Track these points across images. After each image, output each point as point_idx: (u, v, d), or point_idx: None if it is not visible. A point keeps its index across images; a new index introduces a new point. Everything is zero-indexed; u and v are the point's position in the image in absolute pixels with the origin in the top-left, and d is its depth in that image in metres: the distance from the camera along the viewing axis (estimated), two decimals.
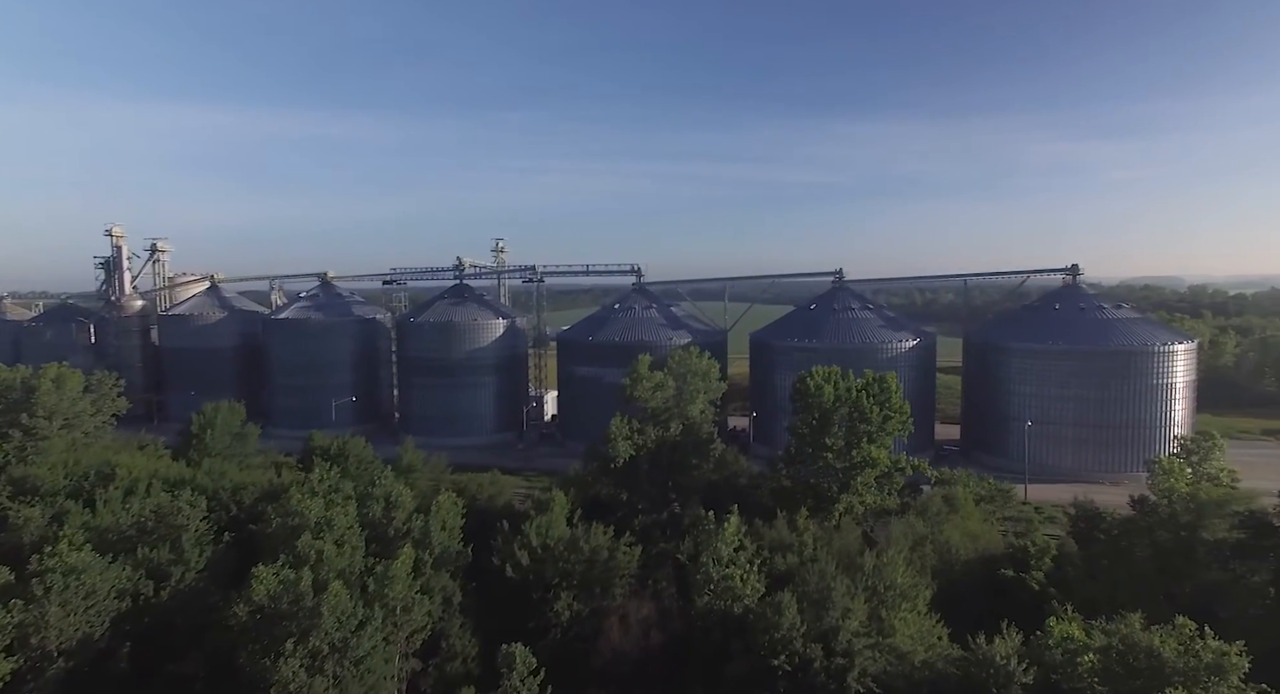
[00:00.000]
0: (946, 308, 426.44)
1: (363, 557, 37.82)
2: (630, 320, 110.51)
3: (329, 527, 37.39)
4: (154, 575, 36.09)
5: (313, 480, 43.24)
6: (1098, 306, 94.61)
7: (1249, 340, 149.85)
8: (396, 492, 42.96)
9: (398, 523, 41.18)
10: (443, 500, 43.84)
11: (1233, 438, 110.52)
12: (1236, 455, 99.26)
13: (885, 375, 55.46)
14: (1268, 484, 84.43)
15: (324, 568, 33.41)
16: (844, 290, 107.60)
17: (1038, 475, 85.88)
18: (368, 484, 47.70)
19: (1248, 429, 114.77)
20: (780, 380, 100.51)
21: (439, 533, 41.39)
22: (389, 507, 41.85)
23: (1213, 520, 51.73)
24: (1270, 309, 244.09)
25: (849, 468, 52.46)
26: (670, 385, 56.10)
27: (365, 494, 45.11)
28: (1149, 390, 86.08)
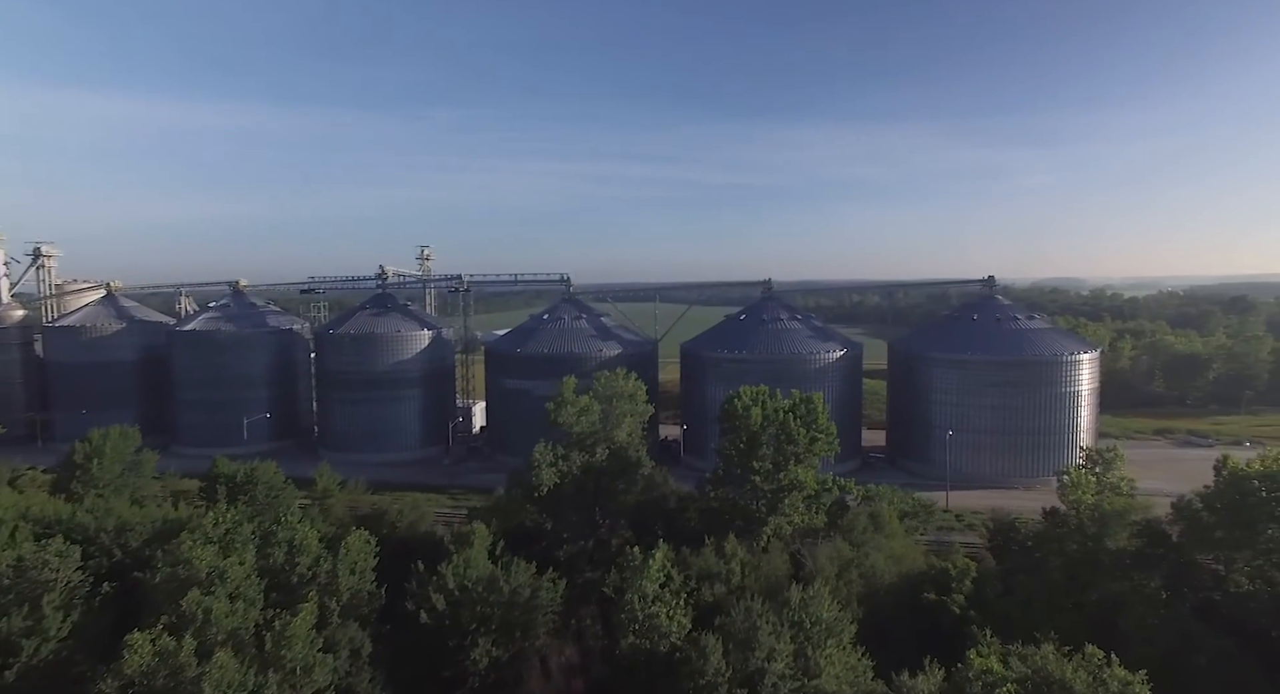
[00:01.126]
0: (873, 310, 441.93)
1: (260, 609, 34.84)
2: (560, 331, 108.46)
3: (222, 579, 34.27)
4: (2, 650, 31.90)
5: (206, 524, 39.66)
6: (1012, 317, 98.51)
7: (1142, 343, 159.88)
8: (301, 534, 39.88)
9: (302, 568, 38.21)
10: (352, 541, 41.07)
11: (1129, 438, 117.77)
12: (1132, 455, 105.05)
13: (812, 396, 55.58)
14: (1160, 483, 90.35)
15: (212, 630, 30.43)
16: (773, 301, 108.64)
17: (959, 482, 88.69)
18: (273, 521, 44.40)
19: (1142, 429, 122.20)
20: (711, 391, 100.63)
21: (347, 577, 38.70)
22: (293, 551, 38.82)
23: (1115, 530, 54.36)
24: (1159, 312, 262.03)
25: (777, 490, 52.27)
26: (596, 409, 54.63)
27: (269, 533, 41.92)
28: (1058, 398, 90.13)
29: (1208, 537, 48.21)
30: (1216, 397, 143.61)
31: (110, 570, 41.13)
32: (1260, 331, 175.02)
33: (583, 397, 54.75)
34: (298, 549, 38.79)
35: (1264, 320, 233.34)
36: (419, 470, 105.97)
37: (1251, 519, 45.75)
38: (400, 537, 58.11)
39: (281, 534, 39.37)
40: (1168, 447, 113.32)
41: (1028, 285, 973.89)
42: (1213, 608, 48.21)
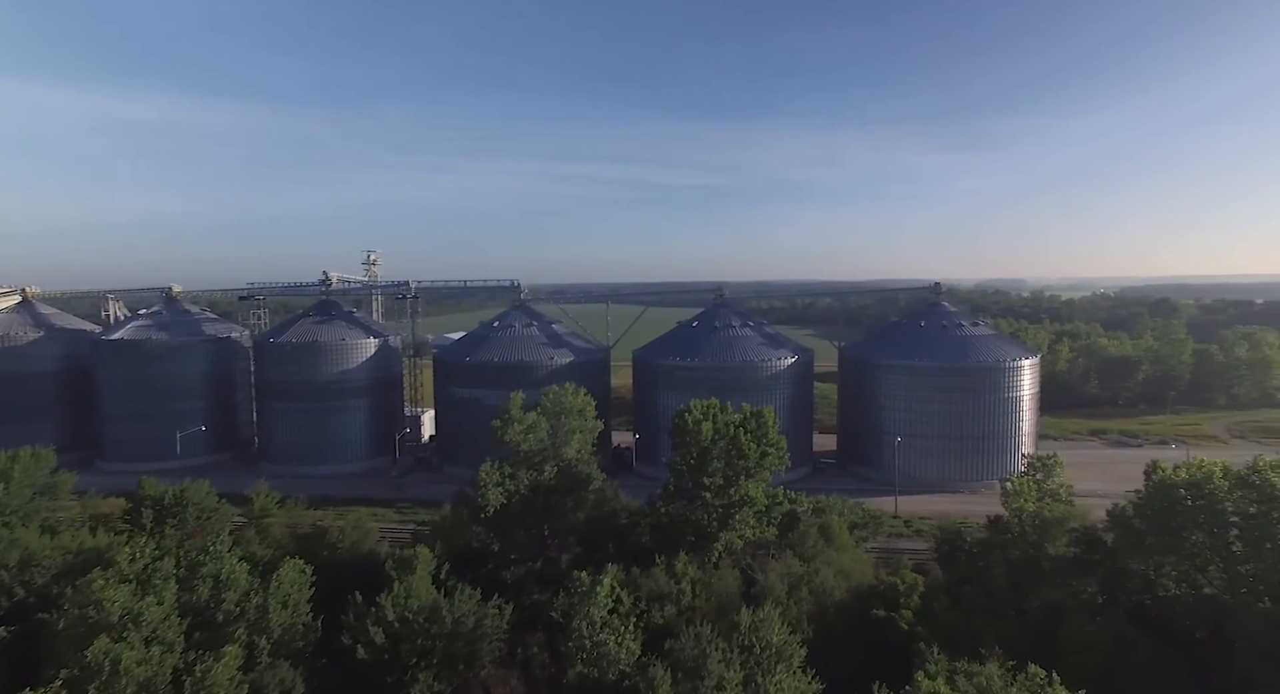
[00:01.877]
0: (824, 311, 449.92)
1: (180, 653, 32.62)
2: (510, 339, 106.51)
3: (136, 623, 31.94)
4: None
5: (122, 561, 37.01)
6: (957, 323, 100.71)
7: (1078, 346, 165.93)
8: (229, 567, 37.58)
9: (229, 604, 36.00)
10: (285, 573, 38.97)
11: (1066, 439, 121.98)
12: (1070, 456, 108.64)
13: (763, 410, 55.45)
14: (1095, 484, 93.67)
15: (121, 682, 28.24)
16: (725, 307, 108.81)
17: (908, 486, 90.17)
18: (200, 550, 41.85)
19: (1079, 430, 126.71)
20: (663, 399, 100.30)
21: (279, 612, 36.68)
22: (219, 586, 36.55)
23: (1055, 537, 55.88)
24: (1093, 314, 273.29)
25: (728, 505, 51.94)
26: (544, 426, 53.36)
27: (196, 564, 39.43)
28: (1002, 403, 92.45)
29: (1139, 543, 49.75)
30: (1145, 397, 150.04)
31: (10, 612, 38.10)
32: (1182, 334, 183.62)
33: (530, 413, 53.42)
34: (225, 584, 36.53)
35: (1185, 323, 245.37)
36: (365, 483, 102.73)
37: (1178, 526, 47.33)
38: (342, 559, 55.85)
39: (207, 568, 36.99)
40: (1102, 447, 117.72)
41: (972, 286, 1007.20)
42: (1143, 611, 49.85)
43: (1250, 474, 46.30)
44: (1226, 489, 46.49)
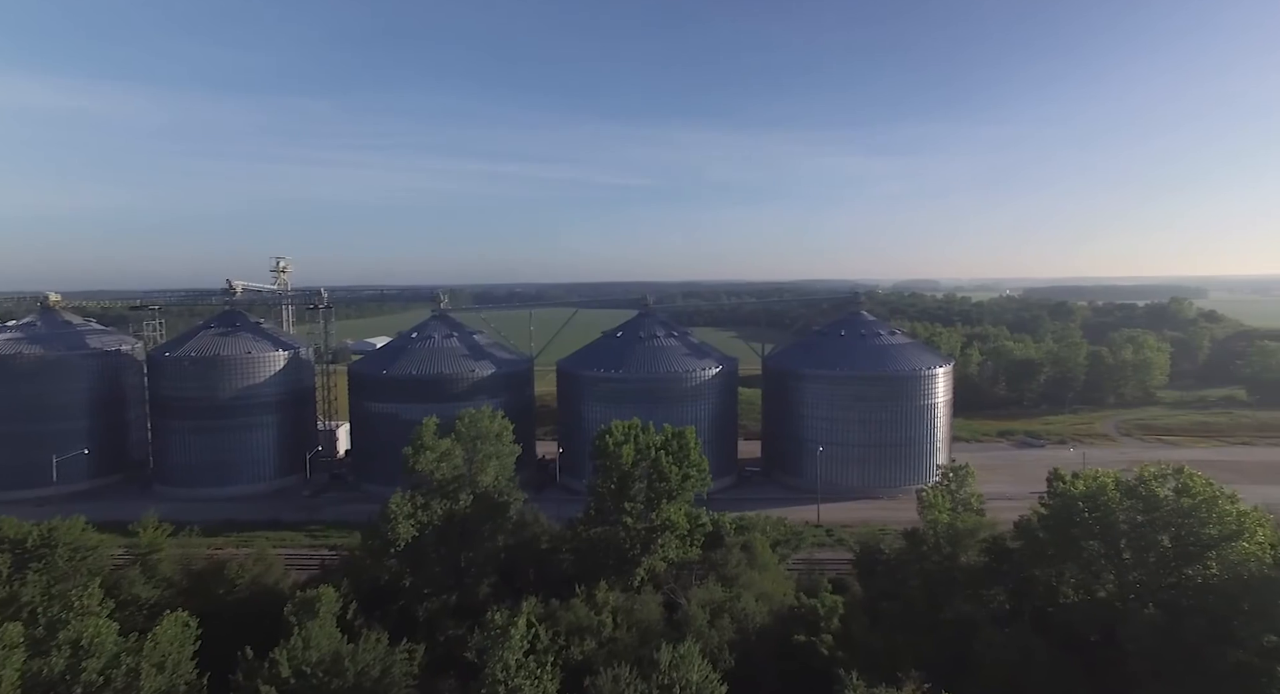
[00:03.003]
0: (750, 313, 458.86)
1: None
2: (429, 351, 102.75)
3: None
4: None
5: None
6: (876, 333, 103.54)
7: (987, 349, 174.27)
8: (93, 629, 33.73)
9: (90, 674, 32.26)
10: (162, 631, 35.40)
11: (977, 441, 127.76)
12: (980, 459, 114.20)
13: (685, 431, 54.85)
14: (1004, 486, 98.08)
15: None
16: (650, 317, 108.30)
17: (831, 494, 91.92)
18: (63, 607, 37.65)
19: (988, 432, 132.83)
20: (588, 411, 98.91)
21: (154, 678, 33.20)
22: (80, 653, 32.73)
23: (967, 547, 57.71)
24: (1000, 317, 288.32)
25: (650, 530, 51.06)
26: (458, 453, 51.03)
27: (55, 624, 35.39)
28: (918, 410, 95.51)
29: (1042, 552, 51.80)
30: (1047, 397, 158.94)
31: None
32: (1077, 338, 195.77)
33: (444, 440, 50.98)
34: (87, 650, 32.75)
35: (1080, 325, 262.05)
36: (274, 504, 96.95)
37: (1077, 536, 49.50)
38: (240, 598, 51.99)
39: (64, 633, 33.09)
40: (1009, 448, 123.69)
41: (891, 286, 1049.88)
42: (1046, 617, 51.86)
43: (1138, 485, 48.81)
44: (1118, 500, 48.87)
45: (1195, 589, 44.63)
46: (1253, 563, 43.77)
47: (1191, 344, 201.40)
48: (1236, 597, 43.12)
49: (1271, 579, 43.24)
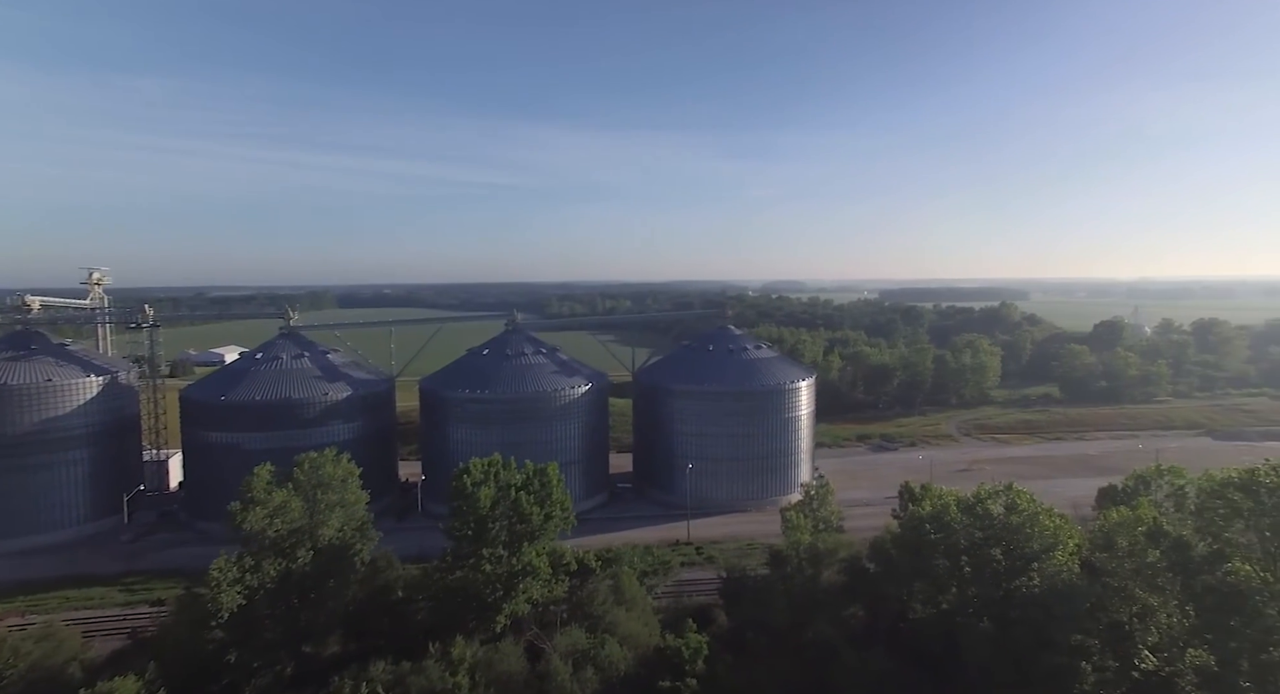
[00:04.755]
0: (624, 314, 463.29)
1: None
2: (276, 373, 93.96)
3: None
4: None
5: None
6: (743, 347, 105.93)
7: (847, 353, 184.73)
8: None
9: None
10: None
11: (839, 445, 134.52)
12: (841, 464, 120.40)
13: (548, 468, 52.73)
14: (863, 492, 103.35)
15: None
16: (517, 334, 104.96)
17: (701, 508, 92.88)
18: None
19: (848, 436, 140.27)
20: (453, 433, 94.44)
21: None
22: None
23: (828, 565, 59.66)
24: (859, 320, 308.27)
25: (511, 575, 48.52)
26: (296, 505, 46.02)
27: None
28: (784, 423, 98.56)
29: (895, 571, 54.45)
30: (899, 400, 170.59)
31: None
32: (925, 342, 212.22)
33: (279, 491, 45.78)
34: None
35: (927, 328, 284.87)
36: (85, 554, 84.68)
37: (925, 554, 52.34)
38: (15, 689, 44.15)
39: None
40: (867, 452, 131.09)
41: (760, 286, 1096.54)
42: (898, 633, 54.64)
43: (975, 504, 52.29)
44: (959, 518, 52.10)
45: (1019, 600, 48.18)
46: (1065, 573, 47.93)
47: (1018, 346, 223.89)
48: (1052, 605, 47.06)
49: (1078, 587, 47.50)
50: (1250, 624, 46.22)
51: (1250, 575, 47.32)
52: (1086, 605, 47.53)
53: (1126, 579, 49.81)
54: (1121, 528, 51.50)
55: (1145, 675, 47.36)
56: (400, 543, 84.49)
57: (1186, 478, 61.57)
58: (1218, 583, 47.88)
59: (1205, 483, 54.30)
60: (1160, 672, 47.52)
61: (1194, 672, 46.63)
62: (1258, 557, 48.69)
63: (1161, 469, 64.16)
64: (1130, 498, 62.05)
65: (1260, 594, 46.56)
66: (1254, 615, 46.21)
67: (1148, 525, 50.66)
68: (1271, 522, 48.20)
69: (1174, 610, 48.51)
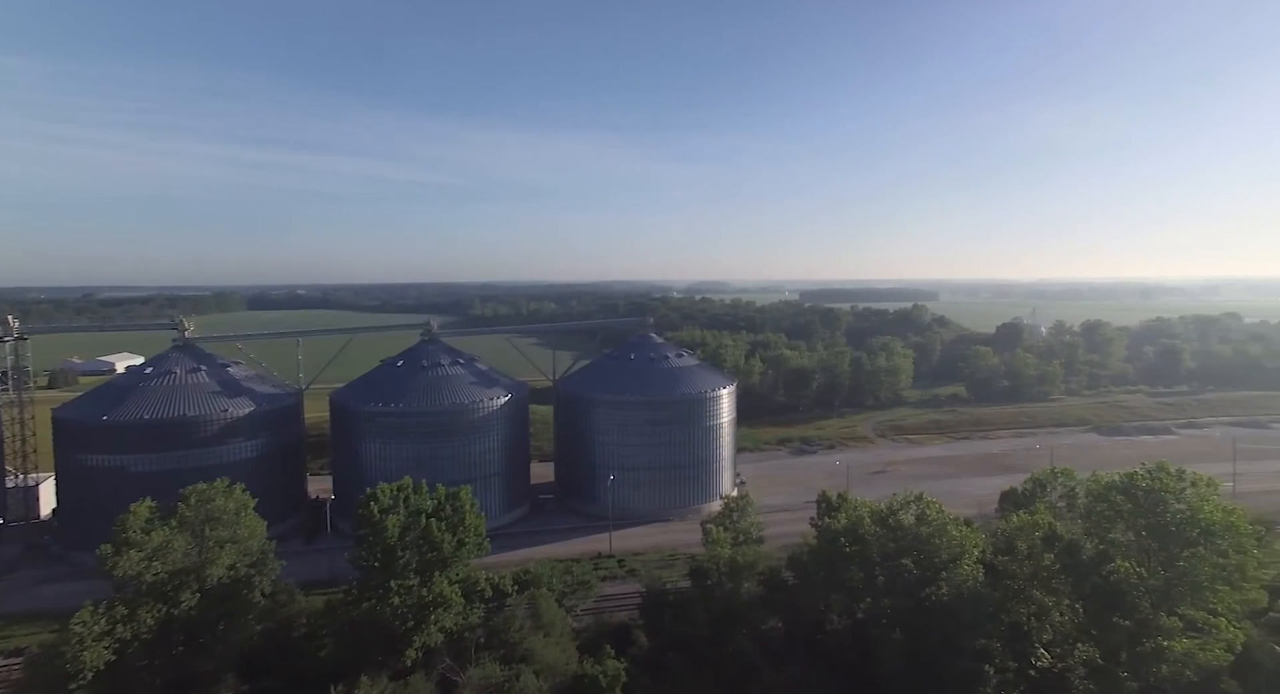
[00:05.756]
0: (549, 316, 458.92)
1: None
2: (168, 389, 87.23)
3: None
4: None
5: None
6: (664, 356, 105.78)
7: (768, 357, 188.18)
8: None
9: None
10: None
11: (760, 449, 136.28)
12: (762, 469, 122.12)
13: (460, 492, 50.69)
14: (783, 498, 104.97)
15: None
16: (434, 344, 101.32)
17: (623, 519, 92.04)
18: None
19: (769, 440, 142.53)
20: (365, 449, 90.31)
21: None
22: None
23: (748, 578, 59.95)
24: (779, 322, 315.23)
25: (421, 606, 46.26)
26: (180, 544, 42.30)
27: None
28: (705, 432, 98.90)
29: (812, 583, 55.16)
30: (819, 402, 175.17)
31: None
32: (842, 345, 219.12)
33: (158, 530, 41.93)
34: None
35: (844, 331, 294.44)
36: None
37: (841, 566, 53.28)
38: None
39: None
40: (788, 456, 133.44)
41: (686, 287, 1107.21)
42: (816, 645, 55.45)
43: (888, 515, 53.65)
44: (873, 530, 53.30)
45: (929, 608, 49.64)
46: (969, 582, 49.77)
47: (928, 348, 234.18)
48: (959, 612, 48.76)
49: (983, 594, 49.39)
50: (1129, 617, 49.47)
51: (1130, 572, 50.61)
52: (990, 610, 49.54)
53: (1025, 582, 52.24)
54: (1021, 532, 54.00)
55: (1041, 673, 49.77)
56: (308, 567, 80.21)
57: (1077, 480, 65.38)
58: (1102, 582, 50.98)
59: (1093, 484, 57.79)
60: (1054, 668, 50.04)
61: (1083, 665, 49.40)
62: (1135, 554, 52.11)
63: (1055, 471, 67.85)
64: (1029, 501, 65.35)
65: (1137, 589, 49.96)
66: (1132, 610, 49.50)
67: (1044, 530, 53.35)
68: (1146, 522, 51.64)
69: (1066, 609, 51.17)
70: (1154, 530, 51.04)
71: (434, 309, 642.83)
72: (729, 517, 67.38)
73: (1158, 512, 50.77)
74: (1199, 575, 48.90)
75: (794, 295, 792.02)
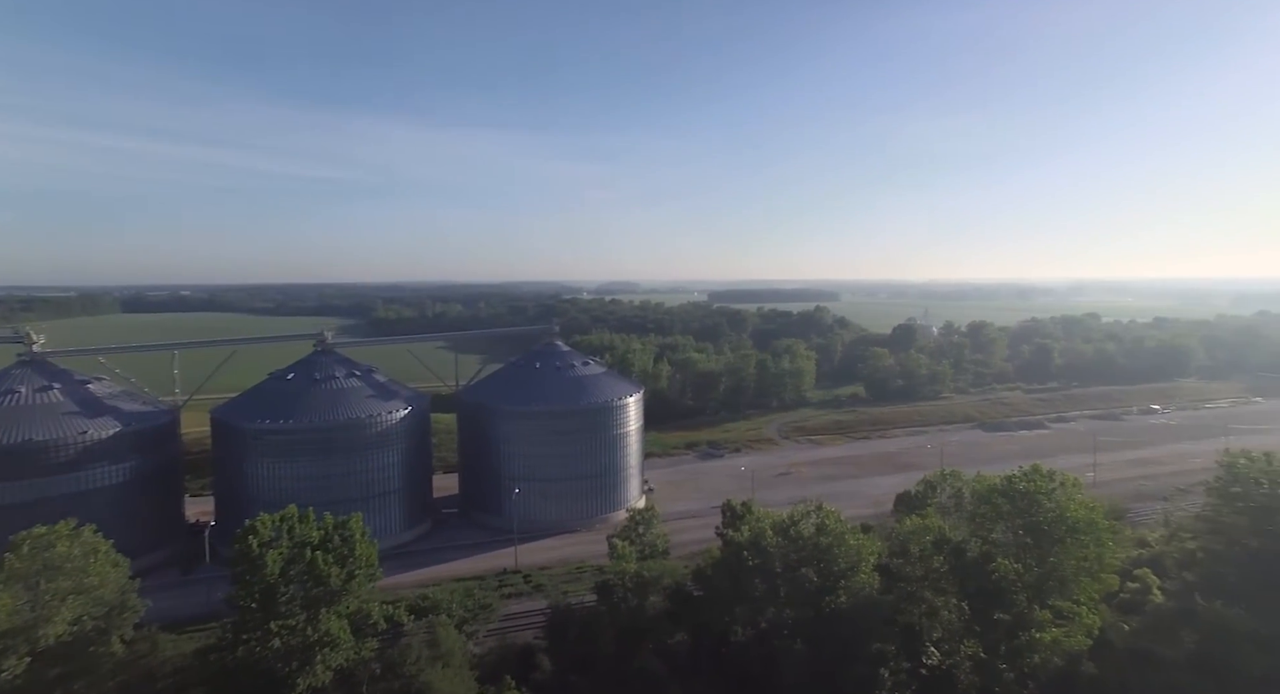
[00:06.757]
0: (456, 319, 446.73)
1: None
2: (11, 411, 78.26)
3: None
4: None
5: None
6: (570, 364, 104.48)
7: (676, 360, 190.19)
8: None
9: None
10: None
11: (668, 455, 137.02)
12: (669, 475, 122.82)
13: (350, 520, 47.72)
14: (690, 504, 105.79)
15: None
16: (327, 356, 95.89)
17: (530, 531, 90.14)
18: None
19: (677, 444, 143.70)
20: (251, 469, 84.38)
21: None
22: None
23: (654, 592, 59.79)
24: (688, 324, 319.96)
25: (307, 646, 43.23)
26: (6, 602, 37.40)
27: None
28: (612, 440, 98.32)
29: (717, 596, 55.61)
30: (726, 405, 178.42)
31: None
32: (748, 347, 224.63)
33: None
34: None
35: (750, 333, 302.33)
36: None
37: (745, 579, 53.97)
38: None
39: None
40: (695, 460, 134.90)
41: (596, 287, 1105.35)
42: (721, 659, 55.98)
43: (789, 526, 54.79)
44: (775, 541, 54.28)
45: (829, 617, 51.07)
46: (866, 589, 51.58)
47: (830, 349, 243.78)
48: (857, 619, 50.43)
49: (878, 600, 51.31)
50: (1008, 611, 52.72)
51: (1009, 569, 53.93)
52: (886, 614, 51.51)
53: (918, 583, 54.69)
54: (914, 535, 56.51)
55: (931, 670, 52.23)
56: (185, 600, 74.03)
57: (964, 480, 69.20)
58: (985, 580, 54.10)
59: (978, 485, 61.28)
60: (942, 665, 52.63)
61: (968, 660, 52.22)
62: (1014, 552, 55.59)
63: (945, 473, 71.55)
64: (921, 503, 68.62)
65: (1015, 586, 53.34)
66: (1010, 605, 52.78)
67: (934, 534, 56.03)
68: (1023, 521, 55.18)
69: (953, 608, 53.96)
70: (1029, 529, 54.50)
71: (335, 312, 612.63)
72: (634, 529, 67.23)
73: (1032, 512, 54.22)
74: (1066, 569, 52.67)
75: (702, 296, 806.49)
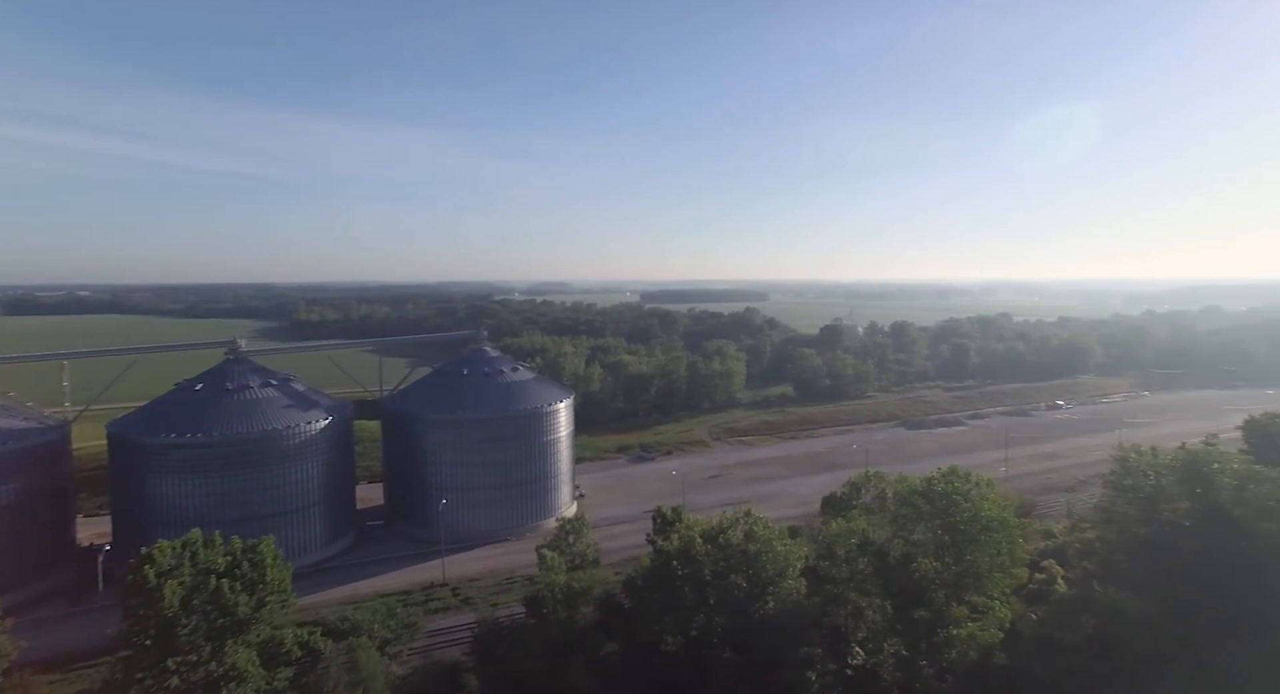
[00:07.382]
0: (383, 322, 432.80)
1: None
2: None
3: None
4: None
5: None
6: (499, 370, 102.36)
7: (608, 363, 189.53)
8: None
9: None
10: None
11: (600, 459, 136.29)
12: (601, 480, 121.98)
13: (261, 543, 45.03)
14: (621, 509, 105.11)
15: None
16: (241, 364, 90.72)
17: (458, 542, 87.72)
18: None
19: (609, 448, 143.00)
20: (154, 487, 79.04)
21: None
22: None
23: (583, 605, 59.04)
24: (620, 327, 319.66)
25: (211, 682, 40.47)
26: None
27: None
28: (543, 447, 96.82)
29: (647, 606, 55.32)
30: (658, 407, 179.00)
31: None
32: (679, 349, 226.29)
33: None
34: None
35: (682, 334, 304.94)
36: None
37: (675, 588, 53.92)
38: None
39: None
40: (627, 464, 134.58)
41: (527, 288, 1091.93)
42: (652, 668, 55.77)
43: (718, 534, 55.08)
44: (704, 550, 54.46)
45: (758, 623, 51.60)
46: (794, 596, 52.38)
47: (760, 350, 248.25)
48: (785, 624, 51.12)
49: (805, 605, 52.20)
50: (928, 609, 54.59)
51: (929, 568, 55.88)
52: (813, 618, 52.43)
53: (843, 585, 55.93)
54: (839, 538, 57.80)
55: (856, 670, 53.49)
56: (72, 634, 68.75)
57: (887, 481, 71.37)
58: (907, 580, 55.86)
59: (900, 486, 63.27)
60: (866, 664, 54.00)
61: (891, 658, 53.78)
62: (934, 551, 57.64)
63: (869, 474, 73.66)
64: (846, 504, 70.41)
65: (934, 584, 55.30)
66: (930, 603, 54.65)
67: (859, 536, 57.45)
68: (942, 521, 57.27)
69: (877, 607, 55.47)
70: (948, 529, 56.56)
71: (253, 313, 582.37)
72: (564, 539, 66.27)
73: (950, 512, 56.27)
74: (981, 566, 54.88)
75: (635, 297, 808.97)
